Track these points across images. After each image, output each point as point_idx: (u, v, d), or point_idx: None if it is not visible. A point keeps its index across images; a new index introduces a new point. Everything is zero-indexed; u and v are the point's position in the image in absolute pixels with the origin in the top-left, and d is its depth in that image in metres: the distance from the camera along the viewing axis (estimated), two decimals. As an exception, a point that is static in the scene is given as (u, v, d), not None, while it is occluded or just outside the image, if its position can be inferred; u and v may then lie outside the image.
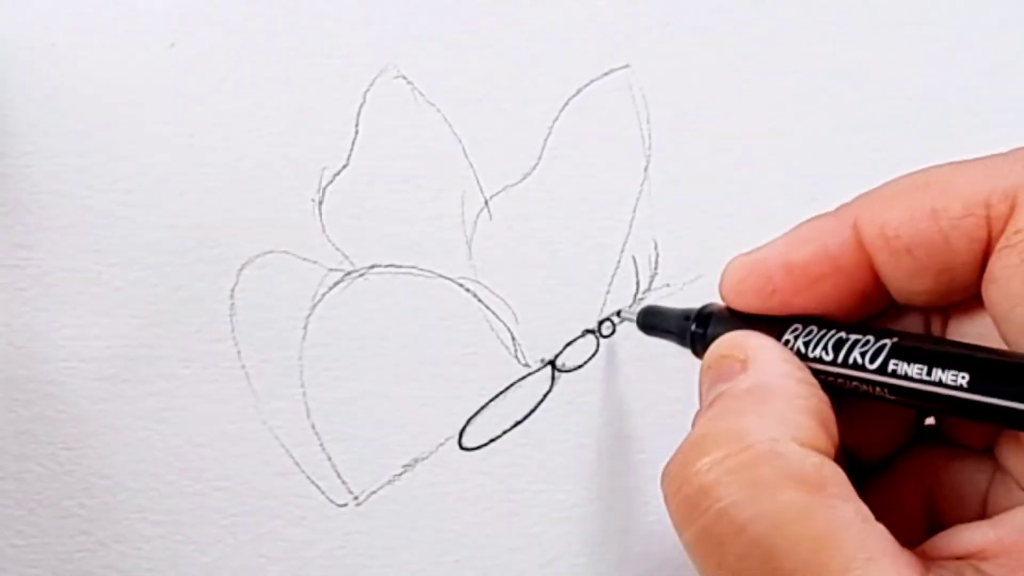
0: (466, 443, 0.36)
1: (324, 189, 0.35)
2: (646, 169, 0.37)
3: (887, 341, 0.26)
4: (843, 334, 0.27)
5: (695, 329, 0.31)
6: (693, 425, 0.27)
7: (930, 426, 0.30)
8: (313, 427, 0.35)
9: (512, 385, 0.36)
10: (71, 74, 0.33)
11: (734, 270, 0.29)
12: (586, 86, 0.37)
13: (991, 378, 0.24)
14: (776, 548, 0.23)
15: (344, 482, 0.35)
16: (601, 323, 0.37)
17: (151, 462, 0.33)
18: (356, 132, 0.35)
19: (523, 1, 0.37)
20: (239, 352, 0.34)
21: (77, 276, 0.33)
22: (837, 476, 0.24)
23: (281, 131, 0.35)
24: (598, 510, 0.36)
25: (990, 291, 0.25)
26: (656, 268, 0.37)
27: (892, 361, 0.26)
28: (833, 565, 0.22)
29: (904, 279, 0.27)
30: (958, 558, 0.24)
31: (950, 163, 0.27)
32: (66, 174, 0.33)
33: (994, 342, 0.26)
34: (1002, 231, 0.25)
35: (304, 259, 0.35)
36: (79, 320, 0.33)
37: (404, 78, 0.36)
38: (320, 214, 0.35)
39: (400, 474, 0.35)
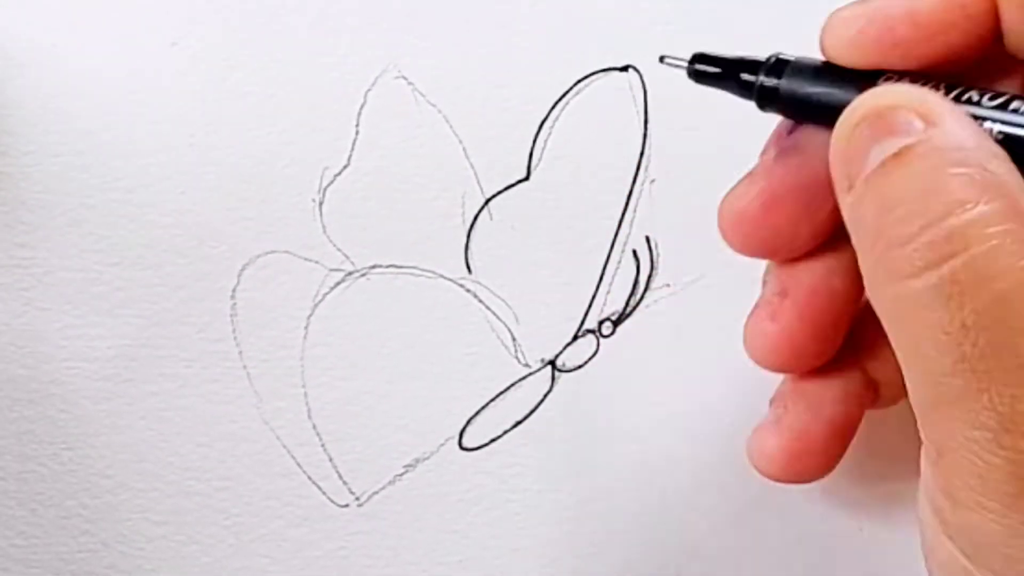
0: (466, 443, 0.36)
1: (325, 189, 0.35)
2: (646, 169, 0.37)
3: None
4: (991, 91, 0.24)
5: (763, 82, 0.28)
6: (867, 186, 0.24)
7: None
8: (314, 427, 0.35)
9: (512, 385, 0.36)
10: (72, 74, 0.33)
11: (846, 21, 0.26)
12: (586, 86, 0.37)
13: None
14: (1015, 305, 0.21)
15: (345, 482, 0.35)
16: (601, 323, 0.37)
17: (153, 462, 0.33)
18: (357, 132, 0.35)
19: (523, 1, 0.37)
20: (240, 352, 0.34)
21: (78, 276, 0.33)
22: None
23: (282, 131, 0.35)
24: (598, 510, 0.36)
25: None
26: (656, 268, 0.37)
27: None
28: None
29: None
30: None
31: None
32: (67, 174, 0.33)
33: None
34: None
35: (305, 259, 0.35)
36: (81, 320, 0.33)
37: (405, 78, 0.36)
38: (321, 214, 0.35)
39: (401, 474, 0.35)
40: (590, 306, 0.37)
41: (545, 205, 0.37)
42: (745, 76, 0.28)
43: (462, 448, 0.36)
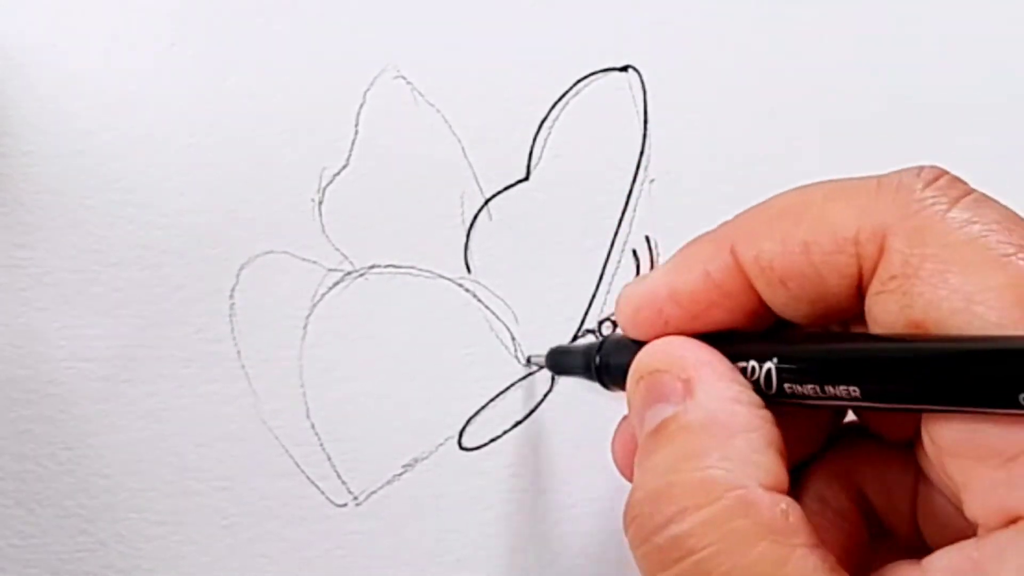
0: (466, 443, 0.36)
1: (324, 189, 0.35)
2: (646, 169, 0.37)
3: (770, 365, 0.26)
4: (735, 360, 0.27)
5: (599, 362, 0.30)
6: (643, 455, 0.26)
7: (851, 422, 0.30)
8: (313, 427, 0.35)
9: (512, 385, 0.36)
10: (71, 74, 0.33)
11: (626, 302, 0.28)
12: (586, 86, 0.37)
13: (882, 384, 0.24)
14: None
15: (344, 482, 0.35)
16: (601, 323, 0.37)
17: (151, 462, 0.33)
18: (356, 132, 0.35)
19: (523, 1, 0.37)
20: (239, 352, 0.34)
21: (77, 276, 0.33)
22: (802, 520, 0.24)
23: (281, 131, 0.35)
24: (598, 510, 0.36)
25: (877, 329, 0.25)
26: (655, 267, 0.37)
27: (784, 385, 0.26)
28: None
29: (783, 305, 0.27)
30: None
31: (824, 185, 0.27)
32: (66, 174, 0.33)
33: None
34: (873, 270, 0.25)
35: (304, 259, 0.35)
36: (79, 320, 0.33)
37: (404, 78, 0.36)
38: (320, 214, 0.35)
39: (400, 474, 0.35)
40: (590, 306, 0.37)
41: (545, 205, 0.37)
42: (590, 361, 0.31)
43: (461, 448, 0.36)
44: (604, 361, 0.30)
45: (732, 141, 0.38)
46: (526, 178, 0.37)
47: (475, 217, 0.36)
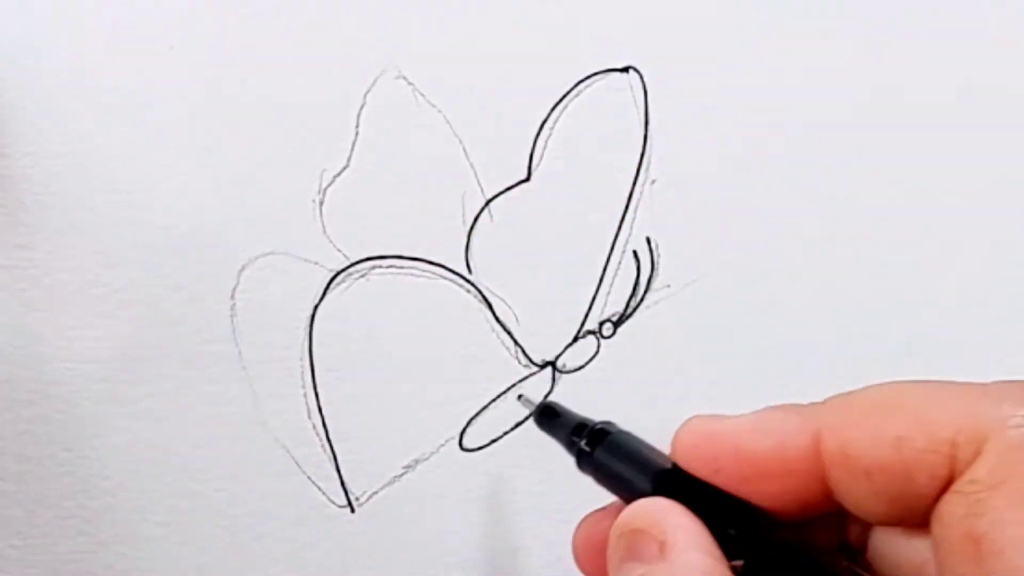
0: (467, 444, 0.36)
1: (325, 190, 0.35)
2: (647, 170, 0.37)
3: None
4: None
5: (583, 446, 0.30)
6: None
7: None
8: (314, 428, 0.35)
9: (513, 386, 0.36)
10: (72, 75, 0.33)
11: (689, 434, 0.28)
12: (587, 87, 0.37)
13: None
14: None
15: (345, 483, 0.35)
16: (602, 324, 0.37)
17: (151, 463, 0.33)
18: (357, 133, 0.35)
19: (523, 2, 0.37)
20: (240, 353, 0.34)
21: (78, 277, 0.33)
22: None
23: (281, 132, 0.35)
24: (599, 511, 0.36)
25: (935, 528, 0.25)
26: (656, 268, 0.37)
27: None
28: None
29: (859, 500, 0.26)
30: None
31: (925, 384, 0.26)
32: (67, 175, 0.33)
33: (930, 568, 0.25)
34: (963, 474, 0.24)
35: (305, 260, 0.35)
36: (80, 321, 0.33)
37: (405, 79, 0.36)
38: (321, 215, 0.35)
39: (401, 475, 0.35)
40: (591, 307, 0.37)
41: (546, 206, 0.37)
42: (573, 437, 0.30)
43: (462, 449, 0.36)
44: (589, 451, 0.30)
45: (733, 142, 0.38)
46: (527, 179, 0.37)
47: (476, 218, 0.36)
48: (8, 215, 0.32)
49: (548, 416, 0.32)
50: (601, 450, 0.29)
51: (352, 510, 0.35)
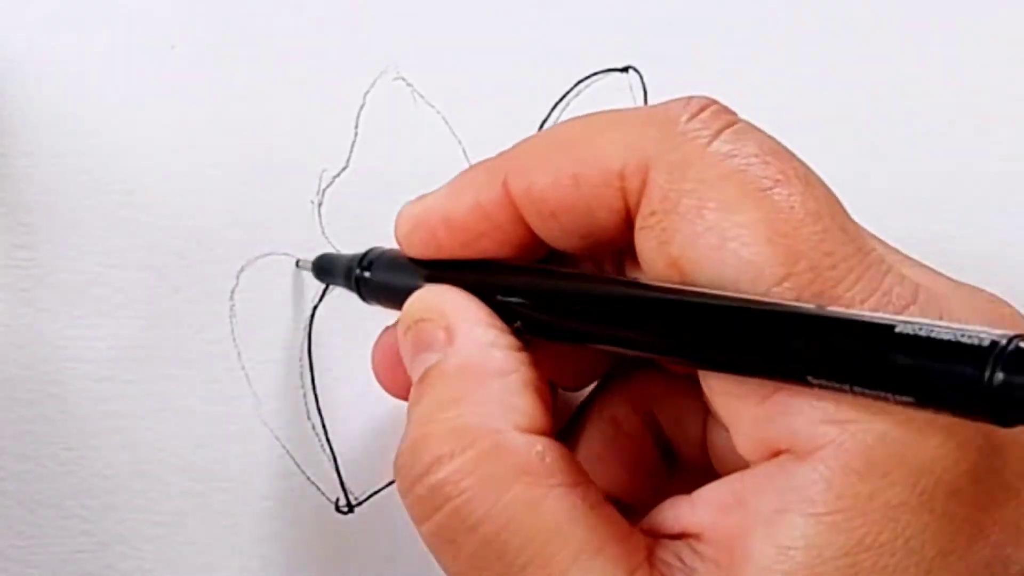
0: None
1: (324, 191, 0.35)
2: (646, 170, 0.37)
3: (525, 303, 0.27)
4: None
5: (360, 273, 0.31)
6: (411, 404, 0.26)
7: None
8: (313, 428, 0.35)
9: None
10: (72, 75, 0.33)
11: (404, 220, 0.29)
12: (586, 86, 0.37)
13: (629, 331, 0.25)
14: (508, 544, 0.23)
15: (344, 483, 0.35)
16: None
17: (152, 462, 0.33)
18: (356, 134, 0.35)
19: (523, 2, 0.37)
20: (239, 353, 0.34)
21: (78, 277, 0.33)
22: (563, 460, 0.24)
23: (281, 133, 0.35)
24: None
25: (645, 269, 0.25)
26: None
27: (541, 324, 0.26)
28: (562, 556, 0.23)
29: (556, 239, 0.27)
30: (676, 536, 0.24)
31: (598, 117, 0.26)
32: (67, 175, 0.33)
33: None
34: (637, 205, 0.25)
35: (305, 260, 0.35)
36: (80, 321, 0.33)
37: (404, 80, 0.36)
38: (320, 216, 0.35)
39: (401, 475, 0.35)
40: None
41: (546, 206, 0.37)
42: (348, 272, 0.32)
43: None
44: (367, 276, 0.31)
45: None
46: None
47: (476, 218, 0.36)
48: (9, 215, 0.32)
49: (324, 268, 0.33)
50: (376, 271, 0.31)
51: (351, 510, 0.35)
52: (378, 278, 0.31)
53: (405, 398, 0.28)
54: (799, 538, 0.22)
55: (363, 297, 0.31)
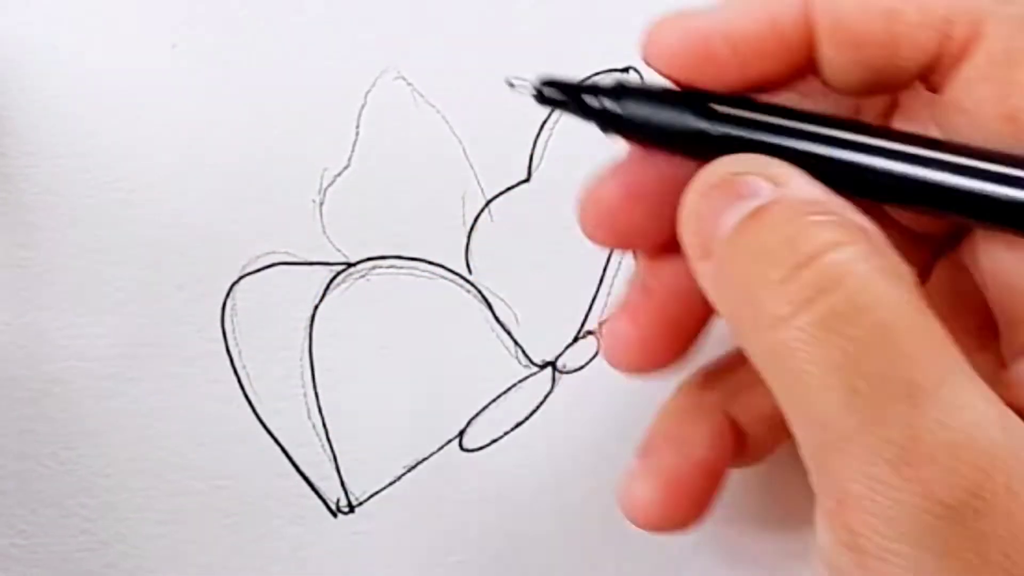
0: (467, 444, 0.36)
1: (325, 190, 0.35)
2: (647, 170, 0.37)
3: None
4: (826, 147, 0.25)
5: (609, 107, 0.27)
6: (743, 234, 0.23)
7: None
8: (314, 428, 0.35)
9: (513, 386, 0.36)
10: (72, 75, 0.33)
11: (666, 33, 0.26)
12: (586, 87, 0.37)
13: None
14: (899, 332, 0.21)
15: (345, 483, 0.35)
16: (602, 324, 0.37)
17: (152, 461, 0.34)
18: (357, 133, 0.35)
19: (523, 2, 0.37)
20: (240, 352, 0.34)
21: (78, 276, 0.33)
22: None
23: (282, 132, 0.35)
24: (598, 511, 0.36)
25: (964, 115, 0.24)
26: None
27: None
28: (949, 357, 0.22)
29: (837, 70, 0.26)
30: None
31: None
32: (67, 174, 0.33)
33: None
34: (960, 55, 0.24)
35: (305, 260, 0.35)
36: (81, 319, 0.33)
37: (404, 79, 0.36)
38: (321, 215, 0.35)
39: (401, 475, 0.35)
40: (591, 307, 0.37)
41: (546, 206, 0.37)
42: (589, 100, 0.28)
43: (463, 449, 0.36)
44: (628, 113, 0.27)
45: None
46: (527, 179, 0.37)
47: (476, 218, 0.36)
48: (10, 214, 0.32)
49: (551, 96, 0.29)
50: (627, 104, 0.27)
51: (352, 510, 0.35)
52: (636, 114, 0.26)
53: (618, 245, 0.27)
54: None
55: (605, 131, 0.27)
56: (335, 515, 0.35)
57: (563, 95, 0.29)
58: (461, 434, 0.36)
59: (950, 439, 0.20)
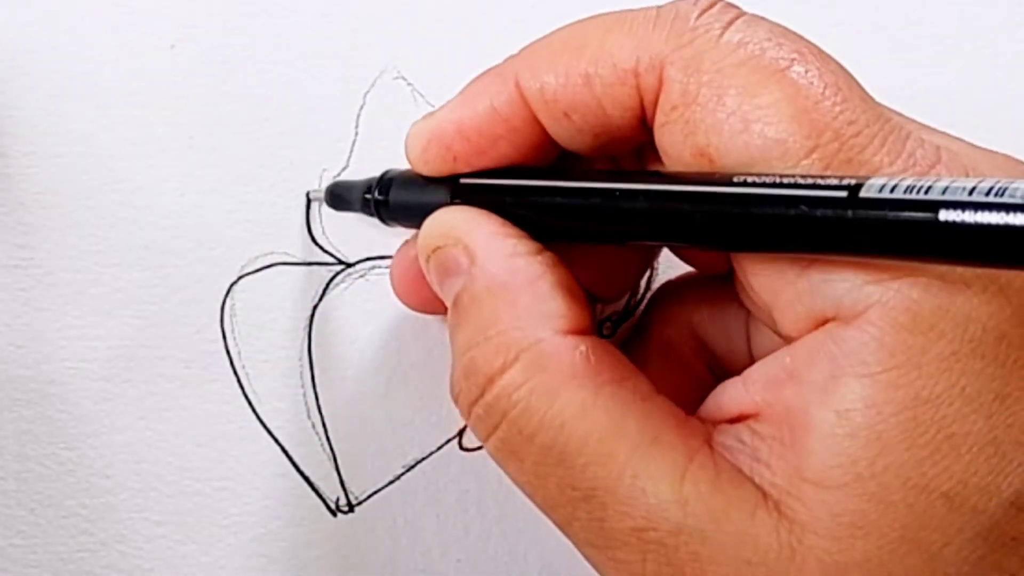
0: (467, 444, 0.36)
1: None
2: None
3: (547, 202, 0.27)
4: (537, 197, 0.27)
5: (377, 196, 0.31)
6: (451, 331, 0.27)
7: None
8: (313, 428, 0.35)
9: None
10: (72, 75, 0.33)
11: (415, 138, 0.29)
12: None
13: (655, 224, 0.25)
14: (566, 448, 0.24)
15: (344, 483, 0.35)
16: (602, 324, 0.37)
17: (152, 462, 0.34)
18: (356, 134, 0.35)
19: (523, 2, 0.37)
20: (239, 352, 0.34)
21: (78, 276, 0.33)
22: (609, 356, 0.25)
23: (281, 133, 0.35)
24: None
25: (668, 163, 0.25)
26: (656, 269, 0.37)
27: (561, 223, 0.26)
28: (620, 450, 0.23)
29: (569, 139, 0.27)
30: (733, 420, 0.24)
31: (606, 17, 0.27)
32: (66, 175, 0.33)
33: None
34: (654, 103, 0.25)
35: (305, 260, 0.35)
36: (80, 320, 0.33)
37: (404, 79, 0.36)
38: (321, 215, 0.35)
39: (400, 475, 0.35)
40: (590, 307, 0.37)
41: (546, 206, 0.37)
42: (366, 197, 0.31)
43: (462, 449, 0.36)
44: (386, 198, 0.31)
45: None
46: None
47: (476, 218, 0.36)
48: (9, 214, 0.32)
49: (339, 196, 0.33)
50: (394, 192, 0.30)
51: (352, 510, 0.35)
52: (397, 199, 0.30)
53: (427, 311, 0.30)
54: (857, 400, 0.22)
55: (383, 220, 0.31)
56: (335, 515, 0.35)
57: (348, 195, 0.33)
58: (461, 434, 0.36)
59: (634, 525, 0.23)
